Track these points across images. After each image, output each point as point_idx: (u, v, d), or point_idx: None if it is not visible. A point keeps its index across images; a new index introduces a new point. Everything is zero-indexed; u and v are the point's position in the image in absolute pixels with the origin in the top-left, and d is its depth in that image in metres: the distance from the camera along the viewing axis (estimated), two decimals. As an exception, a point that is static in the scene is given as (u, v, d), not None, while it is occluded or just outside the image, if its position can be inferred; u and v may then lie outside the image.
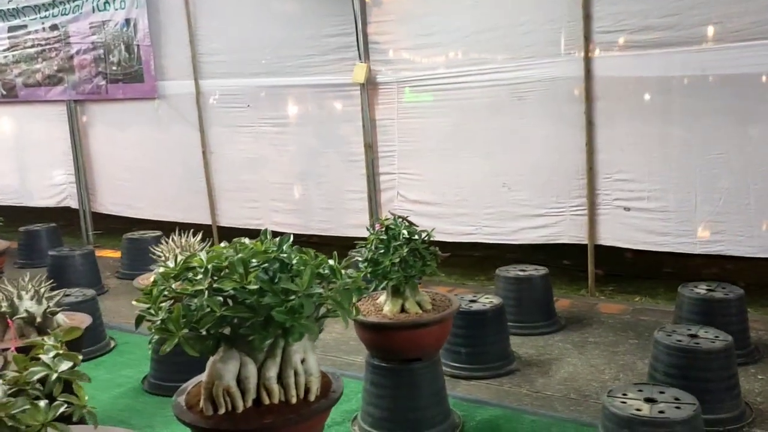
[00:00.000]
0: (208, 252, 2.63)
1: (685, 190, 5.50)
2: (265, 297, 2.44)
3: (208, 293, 2.46)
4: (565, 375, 4.38)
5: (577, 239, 6.07)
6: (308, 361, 2.68)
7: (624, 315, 5.51)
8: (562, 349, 4.82)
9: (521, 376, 4.40)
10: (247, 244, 2.72)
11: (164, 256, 4.33)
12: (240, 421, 2.48)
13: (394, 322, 3.45)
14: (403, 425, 3.55)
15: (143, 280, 4.38)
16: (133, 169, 8.71)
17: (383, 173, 6.92)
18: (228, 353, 2.57)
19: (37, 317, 3.40)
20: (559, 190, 6.03)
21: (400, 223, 3.61)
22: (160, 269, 2.74)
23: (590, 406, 3.94)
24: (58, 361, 1.79)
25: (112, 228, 9.63)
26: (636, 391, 3.10)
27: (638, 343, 4.88)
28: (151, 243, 7.32)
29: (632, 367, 4.45)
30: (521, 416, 3.81)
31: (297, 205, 7.48)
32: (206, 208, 8.18)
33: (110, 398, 4.25)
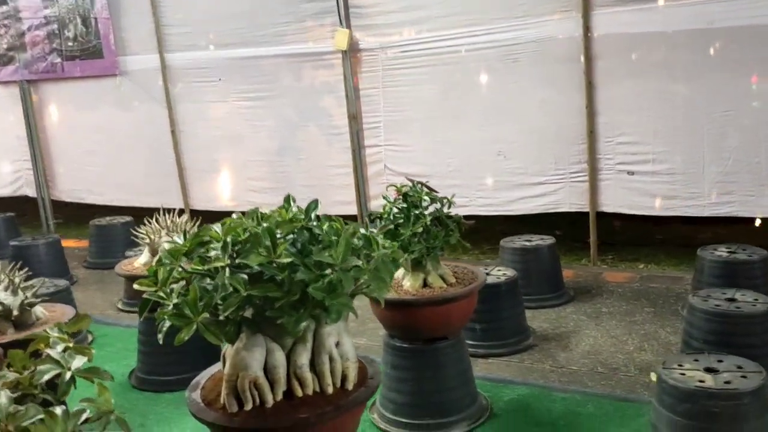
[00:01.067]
0: (223, 224, 2.25)
1: (692, 150, 5.27)
2: (297, 272, 2.08)
3: (229, 271, 2.09)
4: (587, 348, 4.11)
5: (577, 207, 5.81)
6: (343, 344, 2.33)
7: (632, 283, 5.27)
8: (577, 321, 4.56)
9: (541, 351, 4.12)
10: (268, 213, 2.36)
11: (149, 237, 3.91)
12: (271, 417, 2.12)
13: (419, 298, 3.11)
14: (428, 410, 3.23)
15: (126, 266, 3.96)
16: (95, 153, 8.15)
17: (369, 146, 6.55)
18: (252, 340, 2.20)
19: (14, 310, 2.97)
20: (558, 157, 5.75)
21: (420, 189, 3.27)
22: (165, 246, 2.36)
23: (621, 379, 3.67)
24: (69, 356, 1.42)
25: (73, 216, 9.08)
26: (692, 360, 2.84)
27: (654, 311, 4.64)
28: (121, 230, 6.89)
29: (655, 336, 4.21)
30: (551, 394, 3.53)
31: (276, 184, 7.06)
32: (177, 190, 7.70)
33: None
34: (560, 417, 3.28)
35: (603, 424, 3.18)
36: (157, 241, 3.90)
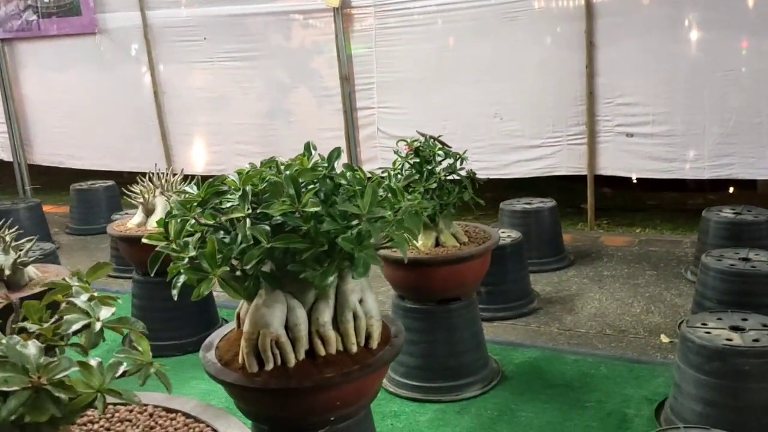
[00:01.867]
0: (240, 173, 2.10)
1: (692, 112, 5.18)
2: (323, 223, 1.95)
3: (250, 221, 1.95)
4: (593, 311, 4.04)
5: (575, 170, 5.72)
6: (367, 301, 2.21)
7: (631, 247, 5.21)
8: (579, 285, 4.49)
9: (546, 314, 4.04)
10: (287, 161, 2.21)
11: (143, 197, 3.73)
12: (294, 376, 2.00)
13: (435, 257, 3.00)
14: (441, 373, 3.14)
15: (118, 227, 3.78)
16: (74, 116, 7.86)
17: (361, 108, 6.37)
18: (272, 296, 2.07)
19: (6, 269, 2.80)
20: (556, 119, 5.64)
21: (432, 144, 3.13)
22: (173, 197, 2.21)
23: (631, 341, 3.61)
24: (95, 306, 1.28)
25: (48, 182, 8.81)
26: (715, 319, 2.76)
27: (657, 274, 4.59)
28: (104, 194, 6.68)
29: (660, 299, 4.15)
30: (562, 356, 3.45)
31: (265, 148, 6.85)
32: (161, 155, 7.46)
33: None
34: (574, 379, 3.20)
35: (618, 385, 3.11)
36: (151, 200, 3.72)
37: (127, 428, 1.60)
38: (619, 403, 2.95)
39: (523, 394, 3.09)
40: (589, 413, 2.89)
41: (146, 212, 3.75)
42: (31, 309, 1.35)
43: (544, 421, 2.85)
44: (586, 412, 2.90)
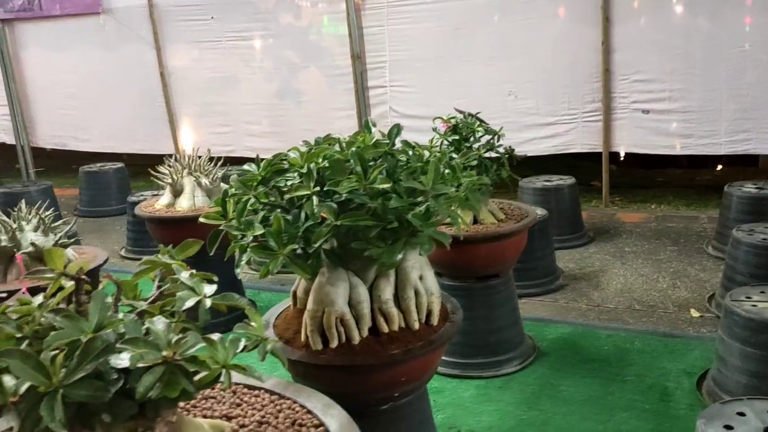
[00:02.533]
0: (301, 151, 2.09)
1: (709, 87, 5.19)
2: (390, 200, 1.94)
3: (317, 199, 1.94)
4: (619, 287, 4.06)
5: (590, 147, 5.72)
6: (426, 278, 2.21)
7: (649, 223, 5.24)
8: (602, 261, 4.51)
9: (573, 290, 4.06)
10: (347, 138, 2.20)
11: (171, 177, 3.70)
12: (359, 353, 2.00)
13: (474, 234, 2.99)
14: (480, 350, 3.15)
15: (147, 208, 3.75)
16: (78, 97, 7.78)
17: (373, 87, 6.34)
18: (335, 274, 2.06)
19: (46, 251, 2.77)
20: (572, 96, 5.63)
21: (471, 120, 3.12)
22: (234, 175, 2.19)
23: (661, 316, 3.63)
24: (198, 283, 1.27)
25: (49, 165, 8.74)
26: (758, 293, 2.78)
27: (678, 249, 4.62)
28: (114, 176, 6.63)
29: (685, 274, 4.18)
30: (594, 332, 3.47)
31: (275, 128, 6.83)
32: (168, 136, 7.41)
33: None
34: (609, 354, 3.23)
35: (654, 359, 3.14)
36: (179, 181, 3.69)
37: (213, 405, 1.60)
38: (658, 377, 2.97)
39: (562, 369, 3.11)
40: (629, 387, 2.91)
41: (174, 193, 3.72)
42: (128, 286, 1.34)
43: (586, 395, 2.87)
44: (626, 386, 2.92)
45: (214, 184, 3.75)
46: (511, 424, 2.71)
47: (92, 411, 1.11)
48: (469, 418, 2.79)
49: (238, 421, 1.52)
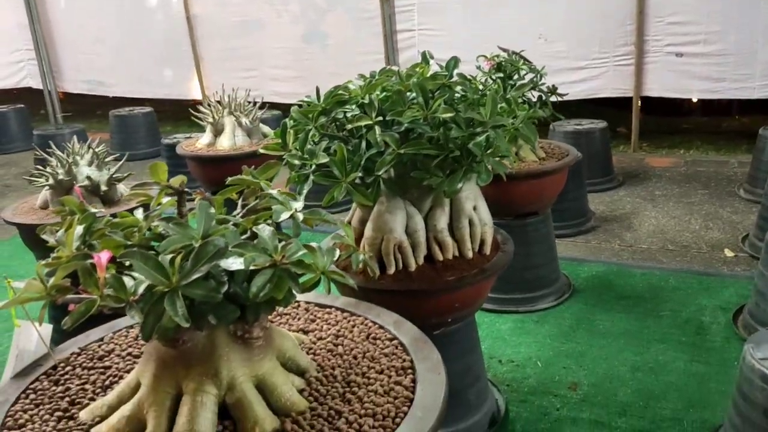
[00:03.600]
0: (361, 82, 2.13)
1: (745, 30, 5.12)
2: (451, 130, 1.98)
3: (379, 129, 1.98)
4: (651, 228, 4.11)
5: (620, 92, 5.69)
6: (480, 209, 2.27)
7: (679, 168, 5.25)
8: (633, 204, 4.54)
9: (605, 232, 4.11)
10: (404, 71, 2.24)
11: (212, 117, 3.75)
12: (416, 280, 2.08)
13: (520, 170, 3.03)
14: (518, 286, 3.23)
15: (188, 147, 3.82)
16: (104, 41, 7.79)
17: (401, 30, 6.30)
18: (393, 203, 2.12)
19: (102, 185, 2.86)
20: (603, 39, 5.58)
21: (515, 58, 3.13)
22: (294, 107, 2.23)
23: (695, 256, 3.69)
24: (287, 199, 1.33)
25: (75, 111, 8.79)
26: (798, 230, 2.84)
27: (709, 192, 4.64)
28: (143, 120, 6.69)
29: (717, 216, 4.21)
30: (628, 270, 3.53)
31: (301, 72, 6.82)
32: (193, 81, 7.43)
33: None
34: (644, 291, 3.29)
35: (689, 296, 3.20)
36: (220, 120, 3.74)
37: (289, 320, 1.68)
38: (694, 312, 3.04)
39: (597, 305, 3.19)
40: (665, 321, 2.99)
41: (215, 132, 3.78)
42: (217, 203, 1.40)
43: (621, 329, 2.95)
44: (662, 321, 2.99)
45: (254, 124, 3.80)
46: (548, 355, 2.80)
47: (199, 313, 1.19)
48: (507, 349, 2.88)
49: (315, 334, 1.61)
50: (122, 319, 1.72)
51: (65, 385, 1.45)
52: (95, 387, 1.44)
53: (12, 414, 1.36)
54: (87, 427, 1.31)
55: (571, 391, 2.51)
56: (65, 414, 1.36)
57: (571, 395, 2.49)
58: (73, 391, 1.43)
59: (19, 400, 1.41)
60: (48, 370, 1.52)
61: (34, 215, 2.83)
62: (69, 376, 1.49)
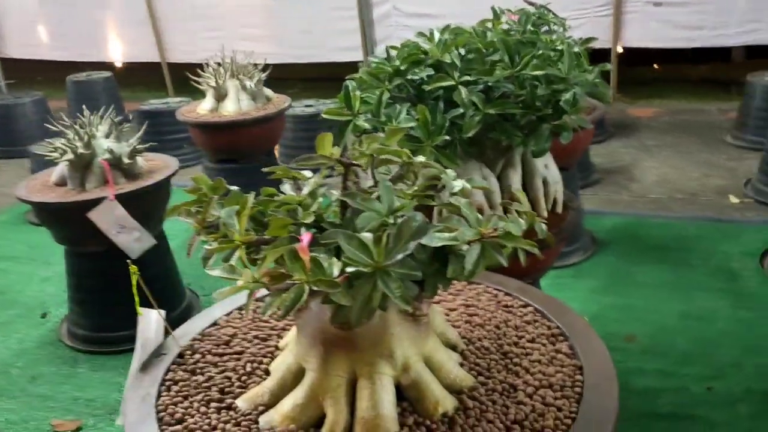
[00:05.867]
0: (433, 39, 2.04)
1: (724, -23, 5.21)
2: (536, 88, 1.93)
3: (465, 89, 1.91)
4: (655, 178, 4.18)
5: (599, 44, 5.71)
6: (551, 167, 2.24)
7: (663, 117, 5.34)
8: (630, 155, 4.60)
9: (611, 184, 4.16)
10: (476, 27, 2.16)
11: (215, 81, 3.57)
12: (498, 242, 2.03)
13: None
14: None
15: (189, 113, 3.63)
16: (54, 2, 7.32)
17: (375, -16, 6.15)
18: (469, 165, 2.07)
19: (124, 157, 2.68)
20: (583, -10, 5.58)
21: (544, 12, 3.06)
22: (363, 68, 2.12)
23: (704, 203, 3.77)
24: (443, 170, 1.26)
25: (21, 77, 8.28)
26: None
27: (700, 140, 4.75)
28: (103, 86, 6.36)
29: (715, 163, 4.32)
30: (647, 221, 3.59)
31: (270, 31, 6.59)
32: (151, 42, 7.08)
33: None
34: (669, 241, 3.35)
35: (712, 244, 3.27)
36: (223, 85, 3.57)
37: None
38: (722, 260, 3.11)
39: (627, 257, 3.22)
40: (698, 271, 3.05)
41: (218, 97, 3.60)
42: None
43: (659, 279, 3.00)
44: (694, 270, 3.05)
45: (258, 87, 3.64)
46: (595, 309, 2.82)
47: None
48: (548, 306, 2.89)
49: (443, 305, 1.55)
50: (222, 301, 1.62)
51: (204, 375, 1.36)
52: (238, 374, 1.35)
53: (162, 408, 1.27)
54: (254, 416, 1.23)
55: (629, 343, 2.54)
56: (221, 404, 1.27)
57: (631, 347, 2.52)
58: (216, 380, 1.34)
59: (161, 394, 1.32)
60: (175, 359, 1.42)
61: (53, 193, 2.65)
62: (202, 364, 1.39)
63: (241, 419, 1.23)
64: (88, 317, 2.81)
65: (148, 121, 4.86)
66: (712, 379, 2.32)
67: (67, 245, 2.74)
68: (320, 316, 1.22)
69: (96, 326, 2.79)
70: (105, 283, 2.75)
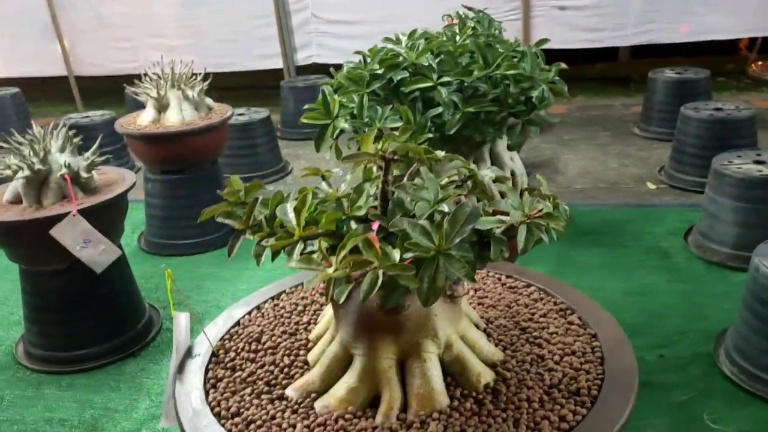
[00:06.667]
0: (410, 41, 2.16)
1: (620, -18, 5.62)
2: (509, 86, 2.08)
3: (445, 90, 2.03)
4: (577, 170, 4.46)
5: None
6: (516, 160, 2.40)
7: (575, 113, 5.68)
8: (551, 149, 4.88)
9: (537, 177, 4.40)
10: (442, 32, 2.28)
11: (157, 92, 3.53)
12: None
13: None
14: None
15: (130, 125, 3.56)
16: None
17: (292, -8, 6.20)
18: (445, 162, 2.19)
19: (82, 172, 2.61)
20: (494, -5, 5.85)
21: (483, 15, 3.24)
22: (339, 73, 2.21)
23: (625, 191, 4.07)
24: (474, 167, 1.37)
25: None
26: (736, 157, 3.22)
27: (611, 133, 5.10)
28: (11, 103, 6.10)
29: (627, 153, 4.65)
30: (578, 209, 3.82)
31: (186, 40, 6.50)
32: (57, 55, 6.83)
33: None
34: (600, 226, 3.60)
35: (640, 226, 3.55)
36: (164, 95, 3.54)
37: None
38: (651, 240, 3.39)
39: (568, 244, 3.41)
40: (632, 251, 3.30)
41: (159, 108, 3.56)
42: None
43: (599, 261, 3.23)
44: (629, 251, 3.31)
45: (200, 97, 3.63)
46: (546, 292, 3.01)
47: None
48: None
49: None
50: (240, 302, 1.67)
51: (244, 370, 1.41)
52: (279, 367, 1.41)
53: (215, 404, 1.31)
54: (308, 403, 1.30)
55: (585, 321, 2.74)
56: (271, 396, 1.33)
57: (587, 324, 2.72)
58: (259, 374, 1.40)
59: (209, 391, 1.36)
60: (211, 358, 1.46)
61: (9, 212, 2.56)
62: (240, 360, 1.44)
63: (296, 407, 1.30)
64: (49, 337, 2.73)
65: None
66: (661, 348, 2.55)
67: (25, 264, 2.66)
68: (364, 306, 1.31)
69: (58, 346, 2.72)
70: (66, 301, 2.69)
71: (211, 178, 3.70)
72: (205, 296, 3.21)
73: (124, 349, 2.78)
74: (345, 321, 1.35)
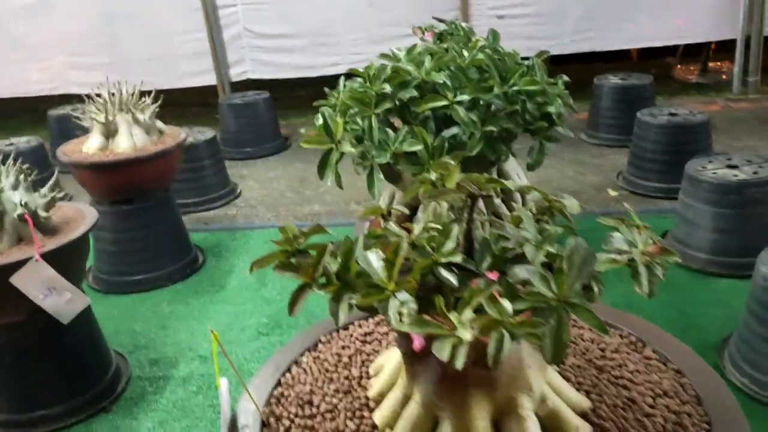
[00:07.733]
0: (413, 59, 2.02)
1: (557, -9, 5.68)
2: (525, 103, 1.98)
3: (463, 109, 1.91)
4: (537, 179, 4.40)
5: (451, 55, 5.97)
6: (522, 177, 2.31)
7: (518, 121, 5.69)
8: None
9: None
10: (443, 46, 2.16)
11: (105, 117, 3.23)
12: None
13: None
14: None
15: (75, 153, 3.25)
16: None
17: (223, 6, 5.92)
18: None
19: (40, 210, 2.31)
20: (432, 4, 5.79)
21: (458, 26, 3.14)
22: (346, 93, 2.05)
23: (588, 199, 4.06)
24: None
25: None
26: (708, 163, 3.24)
27: (561, 140, 5.10)
28: None
29: (581, 161, 4.67)
30: (544, 220, 3.79)
31: (108, 58, 6.11)
32: (-37, 78, 6.30)
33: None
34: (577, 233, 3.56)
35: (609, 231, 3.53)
36: (113, 120, 3.25)
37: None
38: (626, 248, 3.37)
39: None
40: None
41: (107, 133, 3.27)
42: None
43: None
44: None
45: (151, 120, 3.36)
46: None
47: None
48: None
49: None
50: (274, 357, 1.48)
51: (308, 443, 1.23)
52: (345, 436, 1.24)
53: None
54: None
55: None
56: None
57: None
58: (326, 446, 1.22)
59: (274, 473, 1.17)
60: (262, 429, 1.27)
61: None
62: (297, 429, 1.26)
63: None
64: (3, 398, 2.42)
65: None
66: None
67: (-24, 319, 2.34)
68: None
69: (13, 408, 2.42)
70: (22, 359, 2.39)
71: (164, 207, 3.44)
72: (173, 338, 2.95)
73: (93, 404, 2.50)
74: (425, 377, 1.19)
